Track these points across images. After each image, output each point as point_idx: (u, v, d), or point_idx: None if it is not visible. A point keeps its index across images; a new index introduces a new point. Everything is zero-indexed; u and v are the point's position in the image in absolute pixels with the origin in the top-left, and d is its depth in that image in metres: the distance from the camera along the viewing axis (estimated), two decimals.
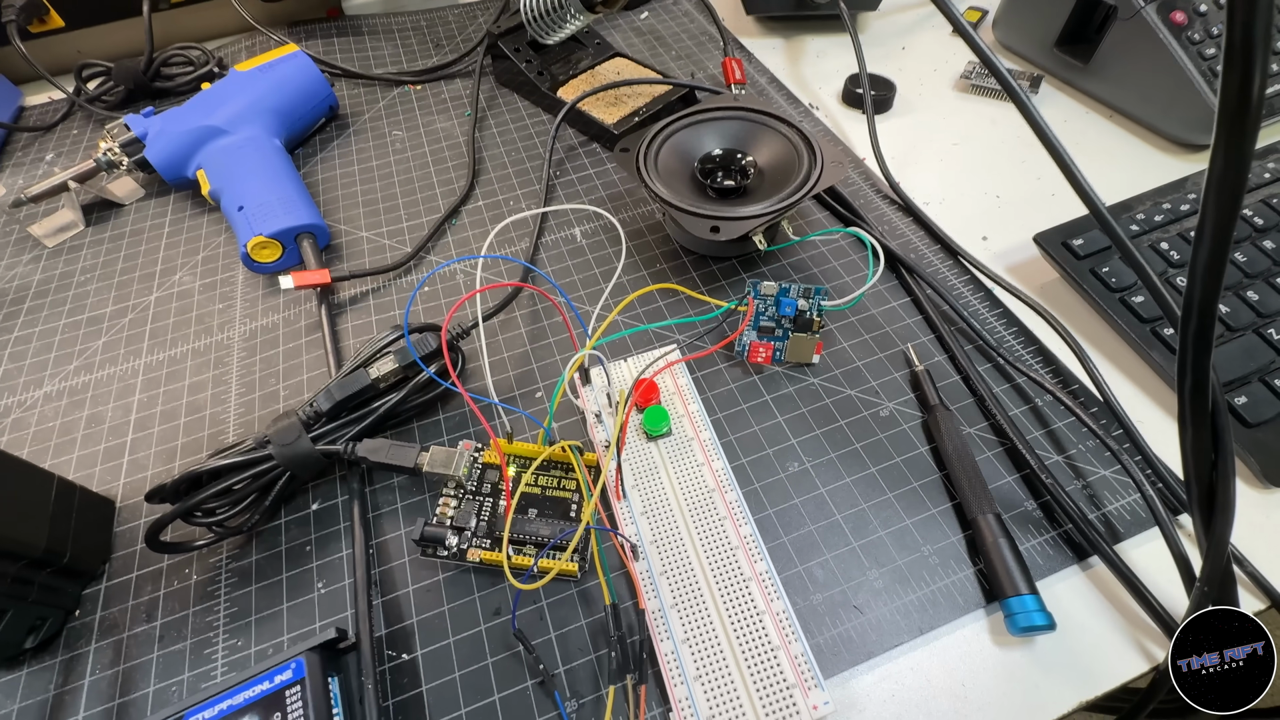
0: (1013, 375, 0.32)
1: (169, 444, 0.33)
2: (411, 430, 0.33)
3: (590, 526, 0.26)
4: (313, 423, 0.29)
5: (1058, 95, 0.48)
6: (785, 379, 0.33)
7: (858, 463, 0.30)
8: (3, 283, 0.42)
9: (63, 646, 0.27)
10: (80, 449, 0.33)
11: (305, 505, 0.30)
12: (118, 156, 0.44)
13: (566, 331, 0.35)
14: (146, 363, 0.37)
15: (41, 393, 0.36)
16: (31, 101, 0.57)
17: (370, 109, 0.52)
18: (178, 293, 0.40)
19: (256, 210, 0.39)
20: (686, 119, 0.39)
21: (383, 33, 0.60)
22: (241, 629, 0.27)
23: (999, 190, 0.42)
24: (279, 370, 0.36)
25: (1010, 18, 0.50)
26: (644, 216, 0.42)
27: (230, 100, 0.44)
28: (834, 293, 0.36)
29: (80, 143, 0.52)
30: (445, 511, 0.28)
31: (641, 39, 0.57)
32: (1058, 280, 0.36)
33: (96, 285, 0.41)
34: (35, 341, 0.38)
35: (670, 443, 0.30)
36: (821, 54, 0.54)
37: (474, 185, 0.45)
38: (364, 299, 0.39)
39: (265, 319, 0.38)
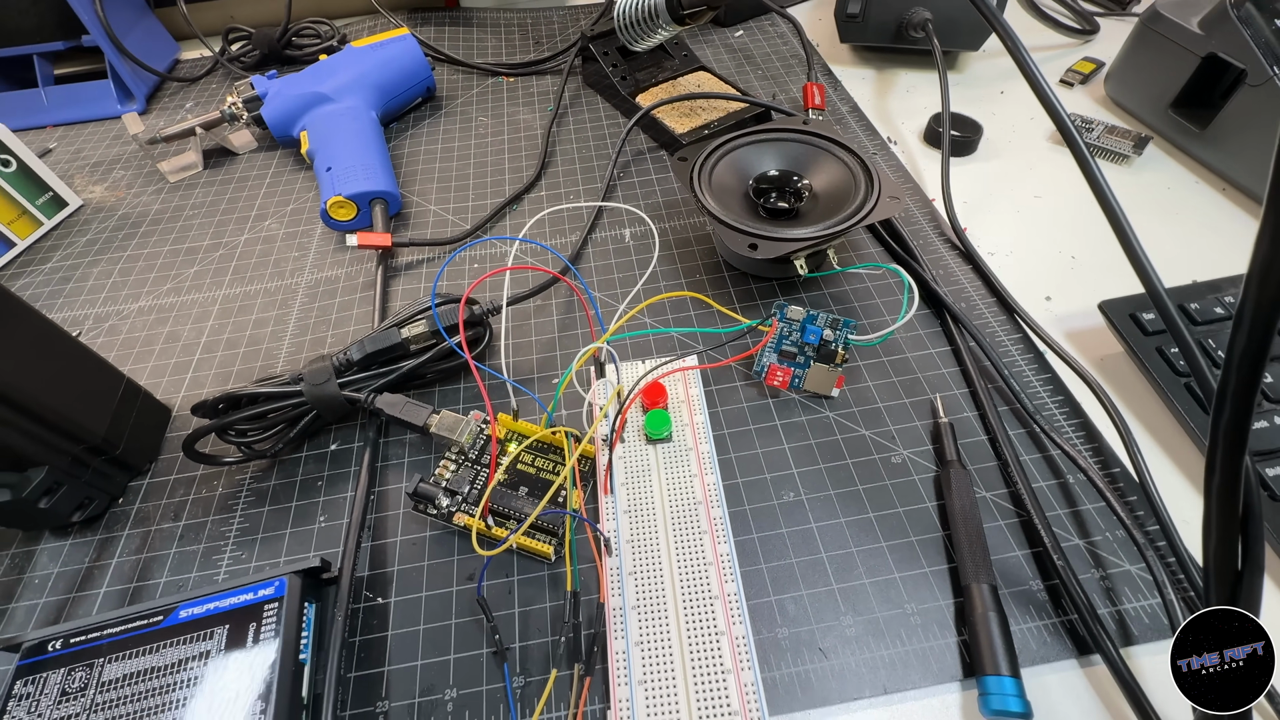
0: (1047, 445, 0.30)
1: (226, 369, 0.37)
2: (433, 393, 0.35)
3: (566, 512, 0.26)
4: (343, 369, 0.32)
5: (1165, 159, 0.44)
6: (800, 407, 0.33)
7: (856, 505, 0.29)
8: (128, 207, 0.48)
9: (103, 527, 0.31)
10: (156, 359, 0.38)
11: (326, 444, 0.33)
12: (239, 110, 0.50)
13: (590, 326, 0.36)
14: (225, 294, 0.41)
15: (137, 306, 0.41)
16: (185, 56, 0.64)
17: (464, 94, 0.56)
18: (264, 237, 0.45)
19: (341, 172, 0.43)
20: (748, 136, 0.39)
21: (490, 26, 0.64)
22: (248, 544, 0.30)
23: (1075, 250, 0.39)
24: (331, 319, 0.39)
25: (1125, 73, 0.47)
26: (695, 226, 0.42)
27: (340, 72, 0.49)
28: (870, 329, 0.35)
29: (215, 95, 0.59)
30: (443, 473, 0.30)
31: (731, 56, 0.57)
32: (1120, 355, 0.33)
33: (200, 220, 0.46)
34: (142, 261, 0.44)
35: (668, 449, 0.30)
36: (912, 89, 0.52)
37: (540, 175, 0.47)
38: (418, 266, 0.41)
39: (330, 271, 0.41)
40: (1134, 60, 0.46)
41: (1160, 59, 0.43)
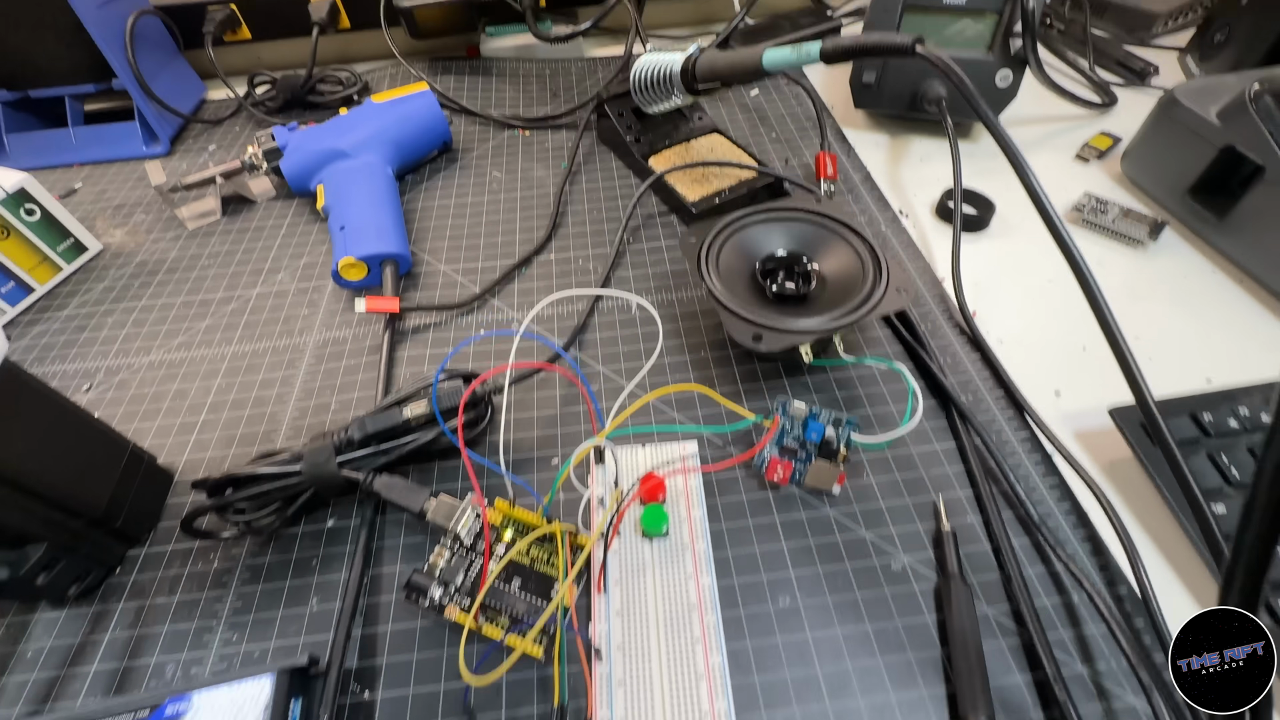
0: (1052, 559, 0.29)
1: (231, 431, 0.37)
2: (434, 469, 0.34)
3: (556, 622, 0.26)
4: (344, 448, 0.32)
5: (1182, 245, 0.43)
6: (800, 503, 0.32)
7: (854, 615, 0.28)
8: (146, 253, 0.49)
9: (99, 599, 0.31)
10: (162, 418, 0.38)
11: (323, 519, 0.33)
12: (259, 161, 0.50)
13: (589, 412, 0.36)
14: (235, 351, 0.41)
15: (148, 360, 0.41)
16: (212, 96, 0.66)
17: (480, 147, 0.57)
18: (276, 291, 0.45)
19: (354, 232, 0.43)
20: (759, 214, 0.39)
21: (509, 76, 0.64)
22: (239, 625, 0.30)
23: (1087, 341, 0.38)
24: (336, 384, 0.39)
25: (1142, 154, 0.46)
26: (703, 299, 0.42)
27: (359, 127, 0.50)
28: (875, 422, 0.35)
29: (238, 139, 0.60)
30: (436, 562, 0.30)
31: (746, 116, 0.58)
32: (1130, 461, 0.33)
33: (215, 271, 0.47)
34: (156, 312, 0.44)
35: (664, 545, 0.30)
36: (926, 158, 0.52)
37: (551, 237, 0.47)
38: (425, 330, 0.42)
39: (339, 331, 0.42)
40: (1151, 143, 0.45)
41: (1178, 145, 0.43)
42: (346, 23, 0.64)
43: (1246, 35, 0.52)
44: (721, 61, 0.40)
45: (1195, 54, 0.57)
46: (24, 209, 0.45)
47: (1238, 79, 0.43)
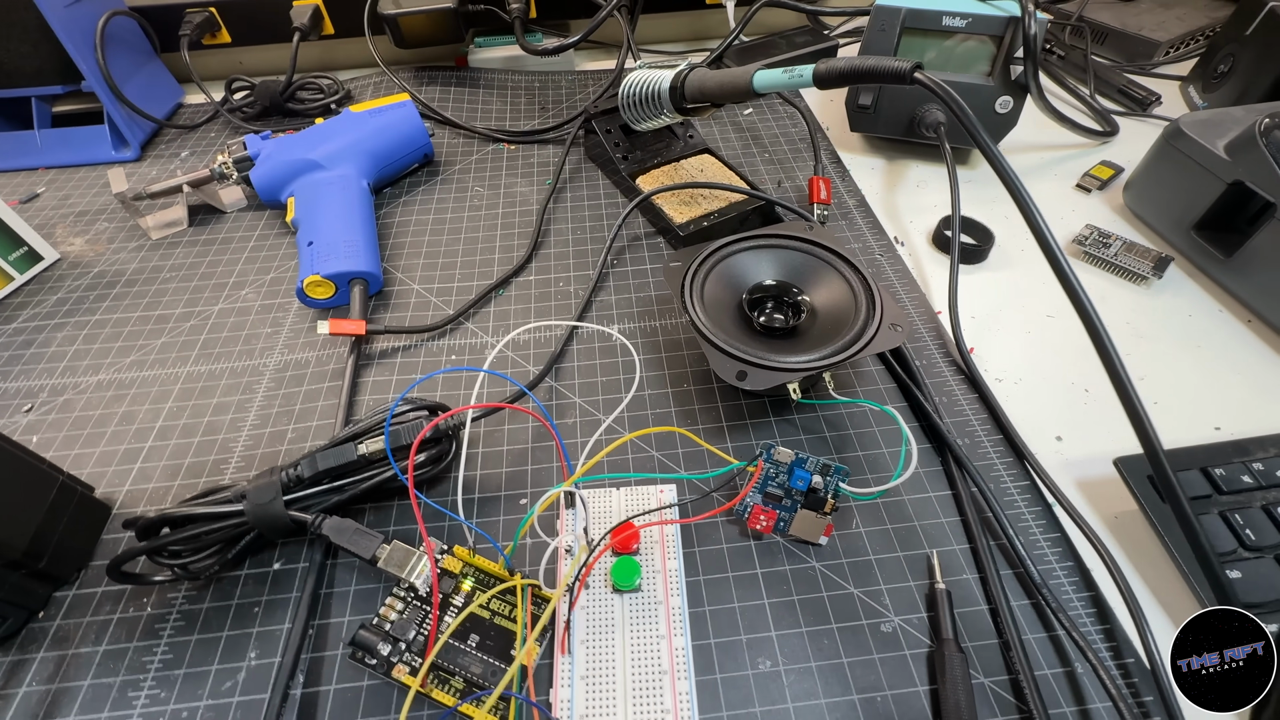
0: (1054, 624, 0.27)
1: (177, 460, 0.34)
2: (391, 507, 0.32)
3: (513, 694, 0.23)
4: (292, 485, 0.29)
5: (1187, 283, 0.42)
6: (784, 553, 0.30)
7: (840, 683, 0.26)
8: (106, 265, 0.46)
9: (17, 646, 0.28)
10: (105, 444, 0.35)
11: (269, 561, 0.30)
12: (229, 169, 0.48)
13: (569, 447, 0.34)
14: (189, 372, 0.39)
15: (96, 379, 0.39)
16: (190, 100, 0.64)
17: (463, 160, 0.55)
18: (238, 308, 0.43)
19: (322, 249, 0.41)
20: (748, 241, 0.37)
21: (496, 88, 0.63)
22: (168, 680, 0.27)
23: (1090, 383, 0.36)
24: (295, 410, 0.36)
25: (1145, 186, 0.45)
26: (685, 327, 0.40)
27: (335, 138, 0.48)
28: (865, 465, 0.33)
29: (213, 145, 0.58)
30: (387, 614, 0.27)
31: (739, 135, 0.56)
32: (1136, 514, 0.31)
33: (177, 284, 0.45)
34: (109, 328, 0.42)
35: (636, 600, 0.27)
36: (922, 184, 0.51)
37: (531, 257, 0.45)
38: (393, 355, 0.39)
39: (301, 354, 0.39)
40: (1154, 175, 0.44)
41: (1183, 178, 0.41)
42: (330, 29, 0.62)
43: (1251, 66, 0.50)
44: (711, 81, 0.38)
45: (1198, 84, 0.56)
46: None
47: (1244, 112, 0.41)
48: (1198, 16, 0.62)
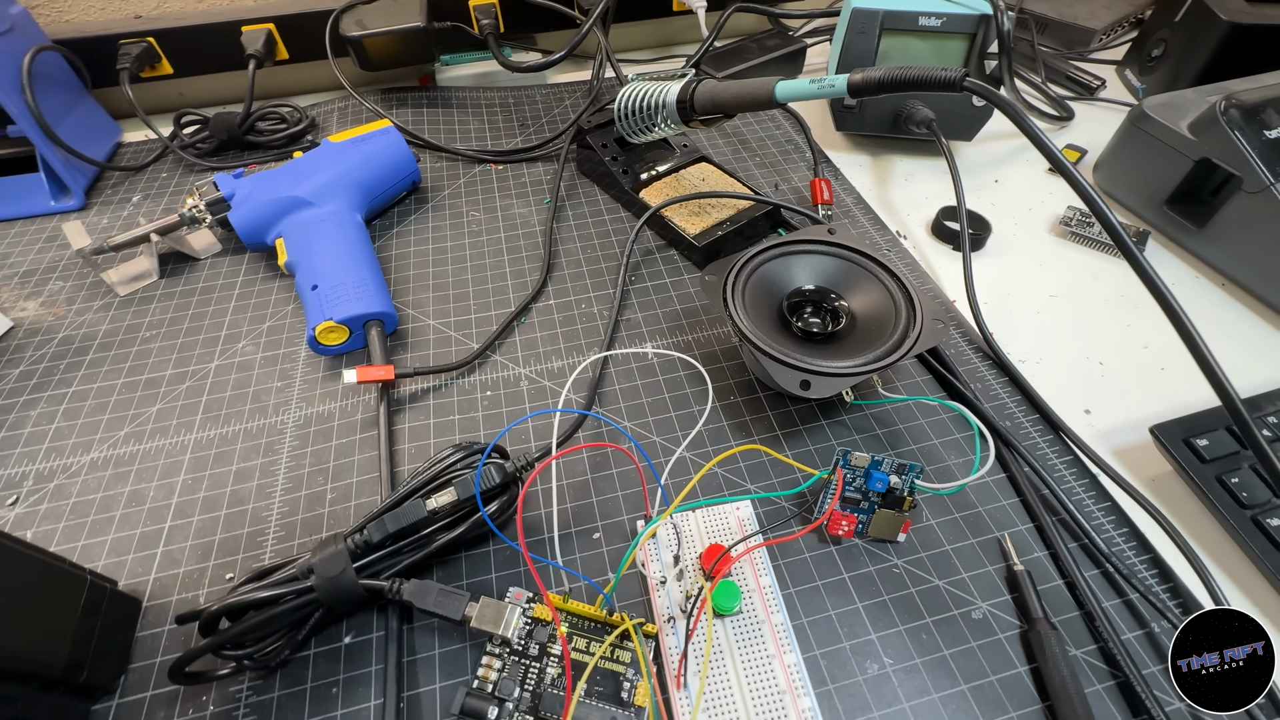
0: (1125, 589, 0.29)
1: (206, 538, 0.32)
2: (460, 561, 0.31)
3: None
4: (360, 552, 0.27)
5: (1165, 255, 0.45)
6: (865, 555, 0.30)
7: (947, 675, 0.27)
8: (71, 329, 0.42)
9: None
10: (116, 530, 0.32)
11: (338, 636, 0.28)
12: (202, 214, 0.45)
13: (634, 477, 0.33)
14: (197, 439, 0.36)
15: (89, 458, 0.35)
16: (129, 138, 0.58)
17: (451, 185, 0.53)
18: (238, 363, 0.40)
19: (330, 292, 0.38)
20: (776, 249, 0.37)
21: (470, 106, 0.61)
22: None
23: (1102, 355, 0.39)
24: (329, 468, 0.34)
25: (1115, 166, 0.48)
26: (719, 339, 0.40)
27: (319, 172, 0.45)
28: (920, 456, 0.34)
29: (168, 187, 0.53)
30: (488, 675, 0.26)
31: (727, 141, 0.57)
32: (1171, 474, 0.33)
33: (161, 344, 0.41)
34: (92, 399, 0.38)
35: (739, 623, 0.27)
36: (910, 177, 0.53)
37: (546, 281, 0.44)
38: (424, 396, 0.37)
39: (322, 405, 0.37)
40: (1123, 155, 0.47)
41: (1151, 157, 0.45)
42: (285, 54, 0.58)
43: (1182, 49, 0.55)
44: (725, 93, 0.38)
45: (1134, 68, 0.61)
46: None
47: (1196, 94, 0.45)
48: (1124, 4, 0.67)
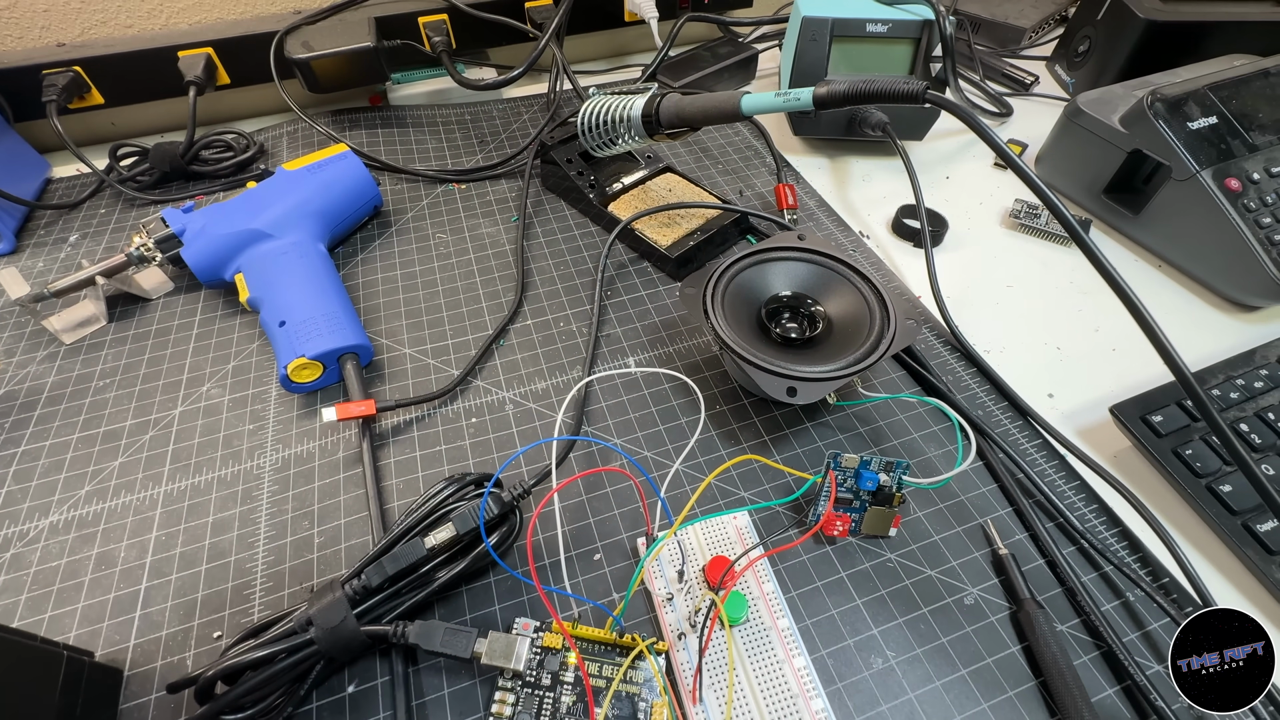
0: (1099, 563, 0.31)
1: (187, 597, 0.30)
2: (460, 595, 0.30)
3: None
4: (360, 597, 0.27)
5: (1105, 241, 0.48)
6: (860, 552, 0.31)
7: (947, 662, 0.28)
8: (14, 383, 0.39)
9: None
10: (87, 597, 0.30)
11: (340, 687, 0.27)
12: (150, 252, 0.42)
13: (631, 494, 0.33)
14: (166, 491, 0.34)
15: (47, 522, 0.33)
16: (60, 173, 0.55)
17: (413, 207, 0.51)
18: (205, 407, 0.38)
19: (299, 328, 0.37)
20: (750, 258, 0.38)
21: (426, 125, 0.59)
22: None
23: (1059, 341, 0.41)
24: (314, 511, 0.33)
25: (1055, 159, 0.51)
26: (700, 349, 0.41)
27: (276, 202, 0.43)
28: (903, 451, 0.35)
29: (108, 223, 0.50)
30: (502, 711, 0.26)
31: (688, 149, 0.57)
32: (1131, 450, 0.35)
33: (116, 393, 0.39)
34: (44, 458, 0.35)
35: (747, 631, 0.28)
36: (867, 177, 0.55)
37: (522, 301, 0.44)
38: (407, 428, 0.37)
39: (299, 446, 0.36)
40: (1062, 148, 0.50)
41: (1087, 150, 0.48)
42: (226, 79, 0.56)
43: (1106, 46, 0.59)
44: (691, 106, 0.39)
45: (1063, 63, 0.64)
46: None
47: (1124, 89, 0.48)
48: (1048, 3, 0.71)
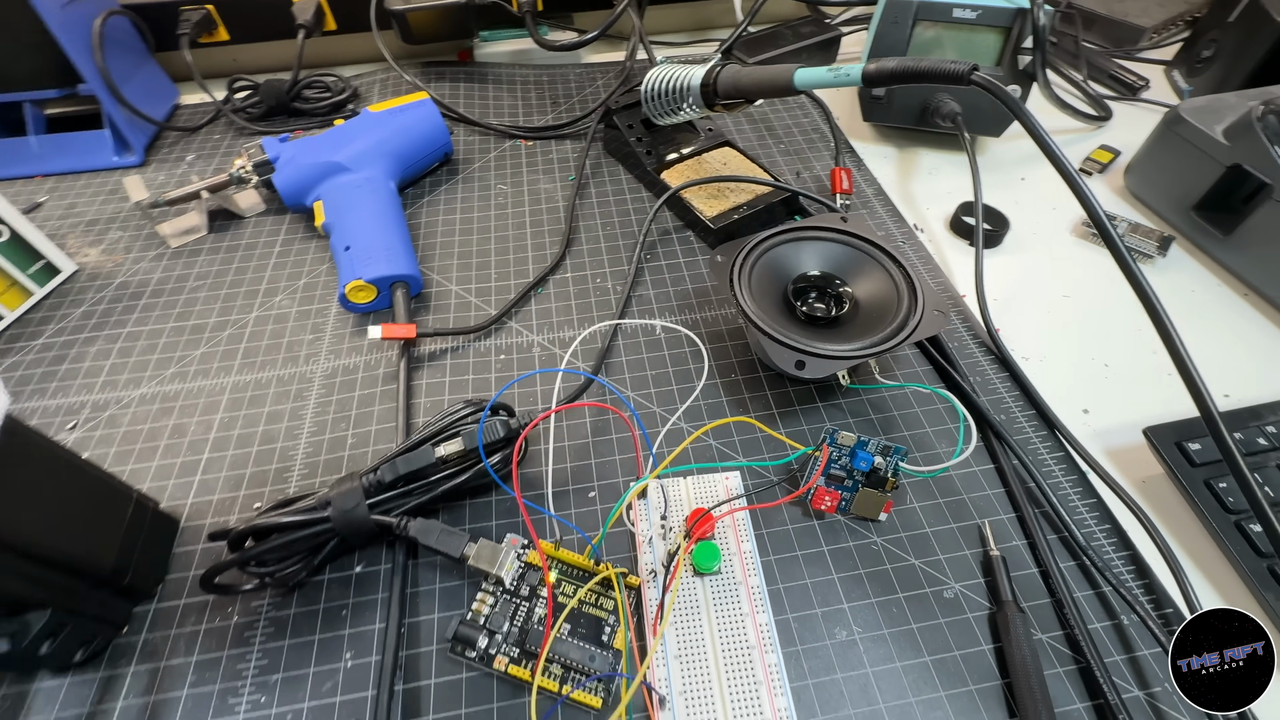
0: (1099, 582, 0.30)
1: (238, 471, 0.35)
2: (464, 507, 0.33)
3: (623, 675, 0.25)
4: (373, 490, 0.30)
5: (1189, 261, 0.45)
6: (847, 531, 0.32)
7: (912, 647, 0.28)
8: (127, 275, 0.45)
9: (106, 662, 0.28)
10: (160, 458, 0.35)
11: (349, 565, 0.31)
12: (249, 174, 0.47)
13: (632, 442, 0.35)
14: (235, 381, 0.39)
15: (138, 393, 0.38)
16: (186, 101, 0.62)
17: (481, 158, 0.55)
18: (275, 315, 0.42)
19: (361, 253, 0.41)
20: (787, 234, 0.38)
21: (505, 83, 0.62)
22: (268, 685, 0.28)
23: (1108, 358, 0.39)
24: (351, 416, 0.37)
25: (1146, 169, 0.48)
26: (727, 319, 0.41)
27: (358, 139, 0.47)
28: (912, 444, 0.35)
29: (219, 148, 0.56)
30: (480, 609, 0.28)
31: (753, 127, 0.57)
32: (1162, 477, 0.33)
33: (206, 294, 0.44)
34: (143, 340, 0.41)
35: (717, 582, 0.29)
36: (934, 170, 0.53)
37: (565, 255, 0.46)
38: (442, 356, 0.40)
39: (348, 359, 0.40)
40: (1155, 158, 0.47)
41: (1183, 161, 0.44)
42: (333, 25, 0.61)
43: (1234, 52, 0.53)
44: (747, 78, 0.39)
45: (1183, 69, 0.59)
46: None
47: (1238, 98, 0.44)
48: (1179, 2, 0.65)
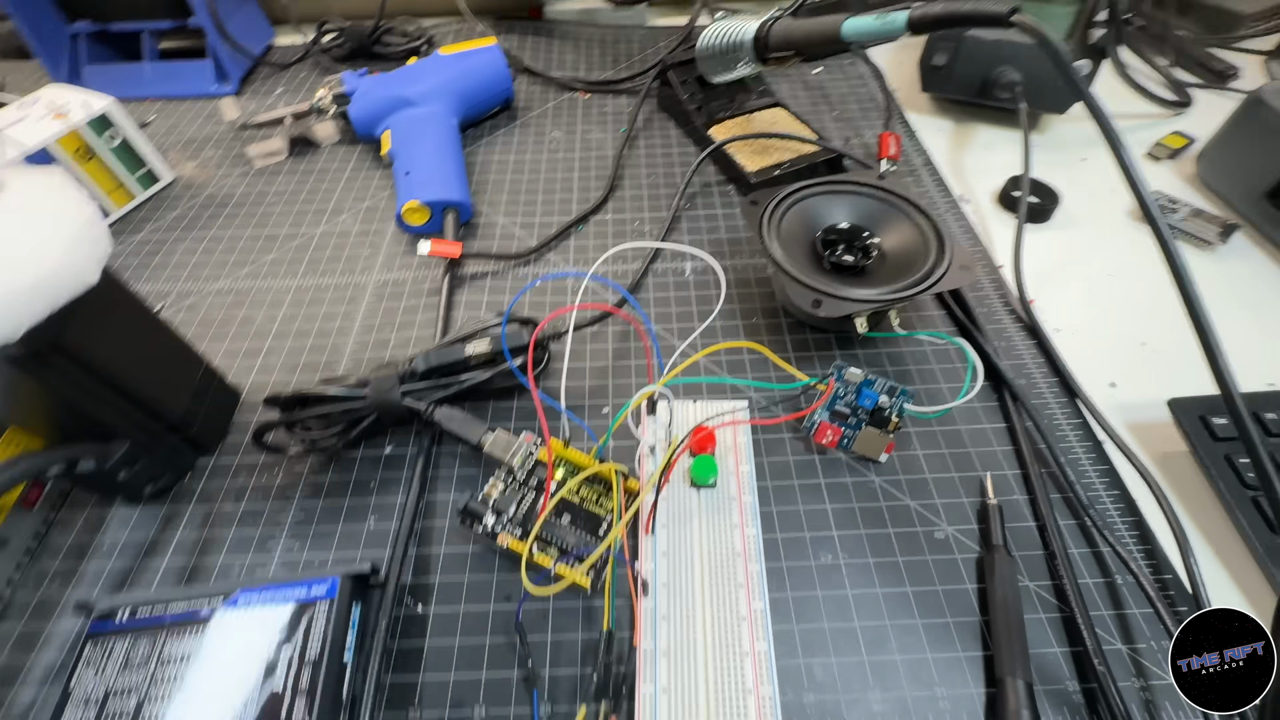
0: (1098, 542, 0.29)
1: (294, 359, 0.38)
2: (488, 407, 0.36)
3: (610, 552, 0.27)
4: (407, 378, 0.33)
5: (1252, 249, 0.42)
6: (846, 468, 0.33)
7: (895, 577, 0.29)
8: (215, 187, 0.50)
9: (170, 500, 0.33)
10: (230, 342, 0.39)
11: (381, 446, 0.34)
12: (329, 104, 0.52)
13: (648, 370, 0.36)
14: (298, 284, 0.43)
15: (216, 286, 0.43)
16: (279, 42, 0.67)
17: (539, 107, 0.57)
18: (338, 231, 0.46)
19: (420, 178, 0.44)
20: (820, 186, 0.39)
21: (572, 39, 0.65)
22: (301, 535, 0.31)
23: (1146, 336, 0.38)
24: (395, 322, 0.40)
25: (1219, 155, 0.45)
26: (756, 268, 0.42)
27: (427, 77, 0.50)
28: (924, 397, 0.35)
29: (305, 85, 0.61)
30: (491, 492, 0.31)
31: (808, 93, 0.57)
32: (1184, 455, 0.32)
33: (281, 209, 0.48)
34: (224, 243, 0.46)
35: (712, 495, 0.31)
36: (990, 146, 0.52)
37: (608, 198, 0.48)
38: (483, 278, 0.43)
39: (398, 273, 0.43)
40: (1230, 144, 0.44)
41: (1260, 147, 0.42)
42: None
43: None
44: (798, 30, 0.40)
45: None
46: (107, 134, 0.46)
47: None
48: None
